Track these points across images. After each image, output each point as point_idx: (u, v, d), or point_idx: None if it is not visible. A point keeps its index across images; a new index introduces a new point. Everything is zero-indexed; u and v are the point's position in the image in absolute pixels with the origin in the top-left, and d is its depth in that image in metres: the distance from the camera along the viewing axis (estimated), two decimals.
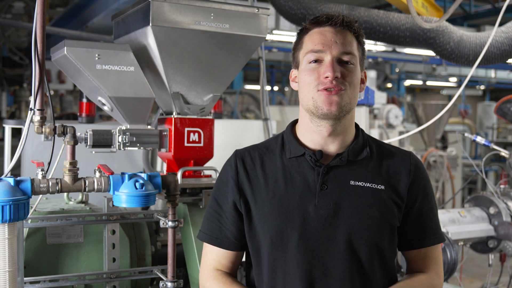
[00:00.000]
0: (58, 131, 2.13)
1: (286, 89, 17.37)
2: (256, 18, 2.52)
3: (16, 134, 4.13)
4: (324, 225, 1.62)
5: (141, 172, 2.18)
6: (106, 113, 2.59)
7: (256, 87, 12.53)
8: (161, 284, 2.31)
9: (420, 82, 18.82)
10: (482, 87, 20.04)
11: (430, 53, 9.12)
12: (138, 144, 2.44)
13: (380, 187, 1.67)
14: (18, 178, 1.99)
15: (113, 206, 2.35)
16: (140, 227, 2.62)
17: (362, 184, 1.66)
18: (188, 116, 2.59)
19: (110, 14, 4.07)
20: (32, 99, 2.09)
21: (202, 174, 2.69)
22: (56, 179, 2.07)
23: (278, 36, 9.31)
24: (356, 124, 1.77)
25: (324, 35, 1.64)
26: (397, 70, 15.59)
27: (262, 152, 1.76)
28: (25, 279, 2.18)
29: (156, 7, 2.30)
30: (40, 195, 2.11)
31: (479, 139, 3.53)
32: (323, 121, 1.65)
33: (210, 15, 2.41)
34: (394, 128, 7.80)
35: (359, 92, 1.70)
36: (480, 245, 3.40)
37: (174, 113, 2.57)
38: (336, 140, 1.69)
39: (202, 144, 2.61)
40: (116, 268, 2.39)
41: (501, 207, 3.31)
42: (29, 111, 2.10)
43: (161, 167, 3.94)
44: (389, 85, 16.38)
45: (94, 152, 2.38)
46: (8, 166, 2.47)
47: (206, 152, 2.63)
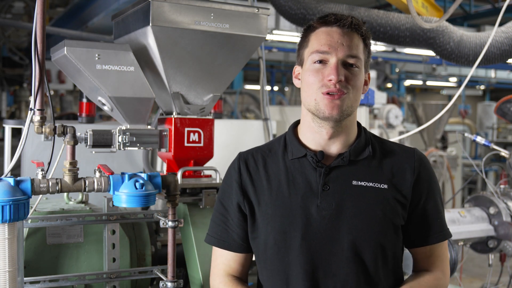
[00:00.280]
0: (58, 131, 2.13)
1: (286, 89, 17.37)
2: (256, 18, 2.52)
3: (16, 134, 4.13)
4: (327, 225, 1.62)
5: (141, 172, 2.17)
6: (106, 113, 2.59)
7: (256, 87, 12.53)
8: (161, 284, 2.31)
9: (420, 82, 18.82)
10: (482, 87, 20.04)
11: (430, 53, 9.12)
12: (138, 144, 2.44)
13: (383, 186, 1.66)
14: (18, 178, 1.98)
15: (113, 206, 2.35)
16: (140, 227, 2.62)
17: (364, 183, 1.66)
18: (188, 116, 2.59)
19: (110, 14, 4.07)
20: (32, 99, 2.09)
21: (202, 174, 2.69)
22: (56, 179, 2.07)
23: (278, 36, 9.32)
24: (358, 123, 1.76)
25: (331, 36, 1.63)
26: (397, 70, 15.59)
27: (265, 154, 1.77)
28: (25, 279, 2.18)
29: (156, 7, 2.30)
30: (40, 195, 2.11)
31: (479, 139, 3.53)
32: (324, 122, 1.65)
33: (210, 15, 2.41)
34: (394, 128, 7.80)
35: (362, 93, 1.71)
36: (480, 245, 3.39)
37: (174, 113, 2.57)
38: (338, 140, 1.69)
39: (202, 144, 2.61)
40: (116, 268, 2.39)
41: (501, 207, 3.30)
42: (29, 111, 2.10)
43: (161, 167, 3.94)
44: (389, 85, 16.38)
45: (94, 152, 2.38)
46: (8, 166, 2.47)
47: (206, 152, 2.63)
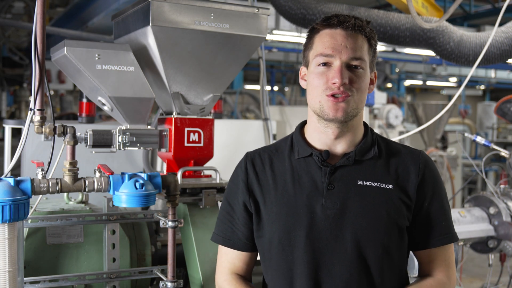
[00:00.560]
0: (58, 131, 2.13)
1: (286, 89, 17.38)
2: (256, 18, 2.52)
3: (16, 134, 4.13)
4: (331, 225, 1.62)
5: (141, 172, 2.18)
6: (106, 113, 2.59)
7: (256, 87, 12.54)
8: (161, 284, 2.31)
9: (420, 82, 18.82)
10: (482, 87, 20.04)
11: (430, 53, 9.12)
12: (138, 144, 2.44)
13: (388, 186, 1.66)
14: (18, 178, 1.99)
15: (113, 206, 2.35)
16: (140, 227, 2.62)
17: (369, 183, 1.66)
18: (188, 116, 2.59)
19: (110, 14, 4.07)
20: (32, 99, 2.09)
21: (202, 174, 2.69)
22: (56, 179, 2.07)
23: (278, 36, 9.32)
24: (365, 123, 1.77)
25: (335, 38, 1.63)
26: (397, 70, 15.59)
27: (271, 154, 1.78)
28: (25, 279, 2.18)
29: (156, 7, 2.30)
30: (40, 195, 2.11)
31: (479, 139, 3.53)
32: (330, 123, 1.66)
33: (210, 15, 2.41)
34: (394, 128, 7.80)
35: (368, 93, 1.71)
36: (480, 245, 3.39)
37: (174, 113, 2.57)
38: (344, 140, 1.69)
39: (202, 144, 2.61)
40: (116, 268, 2.39)
41: (501, 207, 3.30)
42: (29, 111, 2.10)
43: (161, 167, 3.94)
44: (389, 85, 16.38)
45: (94, 152, 2.38)
46: (8, 166, 2.47)
47: (206, 152, 2.63)
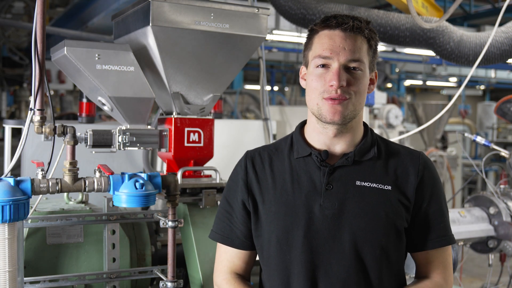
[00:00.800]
0: (58, 131, 2.13)
1: (286, 89, 17.38)
2: (256, 18, 2.52)
3: (16, 134, 4.13)
4: (329, 225, 1.62)
5: (141, 172, 2.18)
6: (106, 113, 2.59)
7: (256, 87, 12.53)
8: (161, 284, 2.31)
9: (420, 82, 18.83)
10: (482, 87, 20.04)
11: (430, 53, 9.12)
12: (138, 144, 2.44)
13: (386, 187, 1.66)
14: (18, 178, 1.99)
15: (113, 206, 2.35)
16: (140, 227, 2.62)
17: (368, 184, 1.66)
18: (188, 116, 2.59)
19: (110, 14, 4.07)
20: (32, 99, 2.09)
21: (202, 174, 2.69)
22: (56, 179, 2.07)
23: (278, 36, 9.32)
24: (365, 124, 1.77)
25: (333, 39, 1.63)
26: (397, 70, 15.60)
27: (271, 153, 1.78)
28: (25, 279, 2.18)
29: (156, 7, 2.30)
30: (40, 195, 2.11)
31: (479, 139, 3.53)
32: (328, 124, 1.66)
33: (210, 15, 2.41)
34: (394, 128, 7.80)
35: (368, 93, 1.71)
36: (480, 245, 3.39)
37: (174, 113, 2.57)
38: (343, 140, 1.69)
39: (202, 144, 2.61)
40: (116, 268, 2.39)
41: (501, 207, 3.30)
42: (29, 111, 2.10)
43: (161, 167, 3.94)
44: (389, 85, 16.38)
45: (94, 152, 2.38)
46: (8, 166, 2.47)
47: (206, 152, 2.63)
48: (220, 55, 2.52)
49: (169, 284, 2.29)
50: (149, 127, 2.48)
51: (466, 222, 3.25)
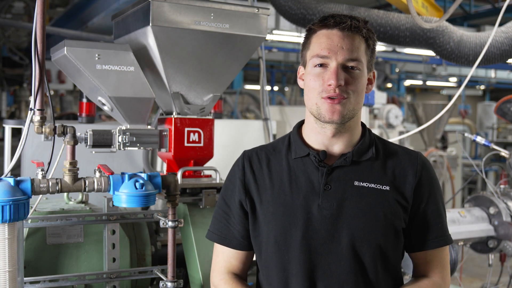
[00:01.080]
0: (58, 131, 2.13)
1: (286, 89, 17.38)
2: (256, 18, 2.52)
3: (16, 134, 4.13)
4: (327, 225, 1.62)
5: (141, 172, 2.18)
6: (106, 113, 2.59)
7: (256, 87, 12.53)
8: (161, 284, 2.31)
9: (420, 82, 18.83)
10: (482, 87, 20.04)
11: (430, 53, 9.12)
12: (138, 144, 2.44)
13: (385, 188, 1.66)
14: (18, 178, 1.98)
15: (113, 206, 2.35)
16: (140, 227, 2.62)
17: (366, 184, 1.66)
18: (188, 116, 2.59)
19: (110, 14, 4.07)
20: (32, 99, 2.09)
21: (202, 174, 2.69)
22: (56, 179, 2.07)
23: (278, 36, 9.32)
24: (363, 124, 1.77)
25: (331, 39, 1.63)
26: (397, 70, 15.60)
27: (269, 153, 1.78)
28: (25, 279, 2.18)
29: (156, 7, 2.30)
30: (40, 195, 2.11)
31: (479, 139, 3.53)
32: (327, 124, 1.66)
33: (210, 15, 2.41)
34: (394, 128, 7.79)
35: (366, 93, 1.70)
36: (480, 245, 3.39)
37: (174, 113, 2.57)
38: (341, 140, 1.69)
39: (202, 144, 2.61)
40: (116, 268, 2.39)
41: (501, 207, 3.30)
42: (29, 111, 2.10)
43: (161, 167, 3.94)
44: (389, 85, 16.39)
45: (94, 152, 2.38)
46: (8, 166, 2.47)
47: (206, 152, 2.63)
48: (220, 55, 2.52)
49: (169, 284, 2.29)
50: (149, 127, 2.48)
51: (466, 222, 3.25)
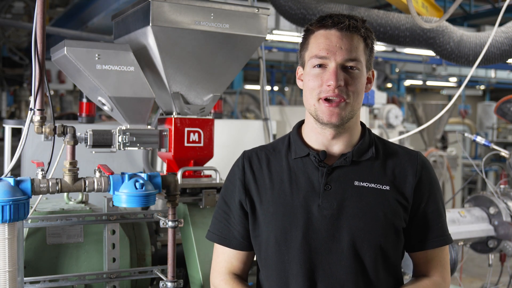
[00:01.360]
0: (58, 131, 2.13)
1: (286, 89, 17.38)
2: (256, 18, 2.52)
3: (16, 134, 4.13)
4: (328, 225, 1.62)
5: (141, 172, 2.18)
6: (106, 113, 2.59)
7: (256, 87, 12.53)
8: (161, 284, 2.31)
9: (420, 82, 18.83)
10: (482, 87, 20.05)
11: (430, 53, 9.12)
12: (138, 144, 2.44)
13: (385, 187, 1.66)
14: (18, 178, 1.99)
15: (113, 206, 2.35)
16: (140, 227, 2.62)
17: (366, 184, 1.66)
18: (188, 116, 2.59)
19: (110, 14, 4.07)
20: (32, 99, 2.09)
21: (202, 174, 2.69)
22: (56, 179, 2.07)
23: (278, 36, 9.32)
24: (362, 124, 1.76)
25: (330, 39, 1.63)
26: (397, 70, 15.60)
27: (269, 153, 1.77)
28: (25, 279, 2.18)
29: (156, 7, 2.30)
30: (40, 195, 2.11)
31: (479, 139, 3.53)
32: (326, 125, 1.66)
33: (210, 15, 2.41)
34: (394, 128, 7.79)
35: (365, 92, 1.70)
36: (480, 245, 3.39)
37: (174, 113, 2.57)
38: (341, 140, 1.69)
39: (202, 144, 2.61)
40: (116, 268, 2.39)
41: (501, 207, 3.30)
42: (29, 111, 2.10)
43: (161, 167, 3.94)
44: (389, 85, 16.38)
45: (94, 152, 2.38)
46: (8, 166, 2.47)
47: (206, 152, 2.63)
48: (220, 55, 2.52)
49: (169, 284, 2.29)
50: (149, 127, 2.48)
51: (466, 222, 3.25)
